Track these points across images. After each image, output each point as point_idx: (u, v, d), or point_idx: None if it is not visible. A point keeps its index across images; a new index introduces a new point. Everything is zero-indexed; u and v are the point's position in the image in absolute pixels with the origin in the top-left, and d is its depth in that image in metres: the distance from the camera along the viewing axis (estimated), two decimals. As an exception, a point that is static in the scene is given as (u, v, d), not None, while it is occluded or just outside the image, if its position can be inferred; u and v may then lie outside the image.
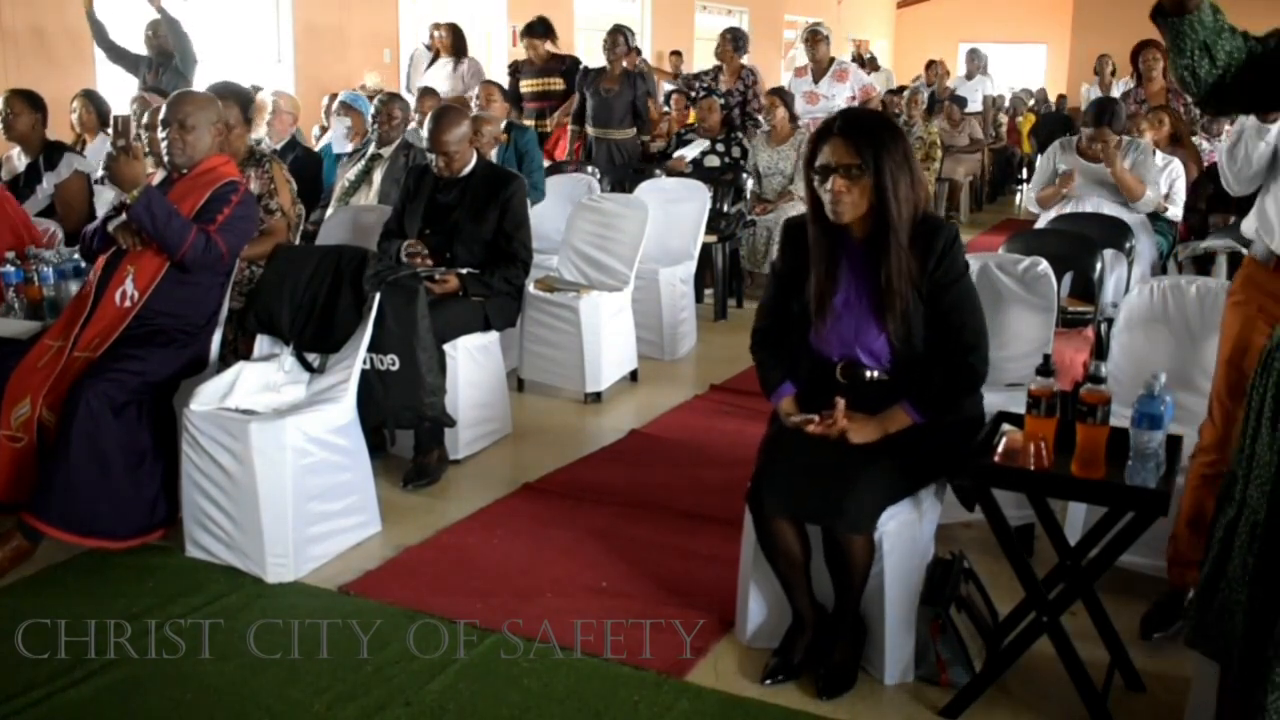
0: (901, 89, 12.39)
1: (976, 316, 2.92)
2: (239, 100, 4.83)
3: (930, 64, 14.68)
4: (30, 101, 5.55)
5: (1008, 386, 3.63)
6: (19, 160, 5.67)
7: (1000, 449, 2.73)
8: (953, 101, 12.22)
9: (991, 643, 2.97)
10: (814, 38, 8.48)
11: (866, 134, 2.85)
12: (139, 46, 7.73)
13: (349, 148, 6.86)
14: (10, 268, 4.07)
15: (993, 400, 3.12)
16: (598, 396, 5.34)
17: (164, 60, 7.51)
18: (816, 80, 8.46)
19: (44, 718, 2.77)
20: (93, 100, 6.43)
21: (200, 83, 6.70)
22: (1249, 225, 3.08)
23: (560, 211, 6.17)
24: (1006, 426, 2.84)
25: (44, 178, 5.50)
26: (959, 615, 2.93)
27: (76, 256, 4.17)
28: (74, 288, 4.02)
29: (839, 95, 8.31)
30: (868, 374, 2.95)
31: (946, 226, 2.94)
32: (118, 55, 7.63)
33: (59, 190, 5.47)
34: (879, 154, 2.81)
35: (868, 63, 16.44)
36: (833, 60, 8.53)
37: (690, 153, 7.68)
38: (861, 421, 2.87)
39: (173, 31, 7.41)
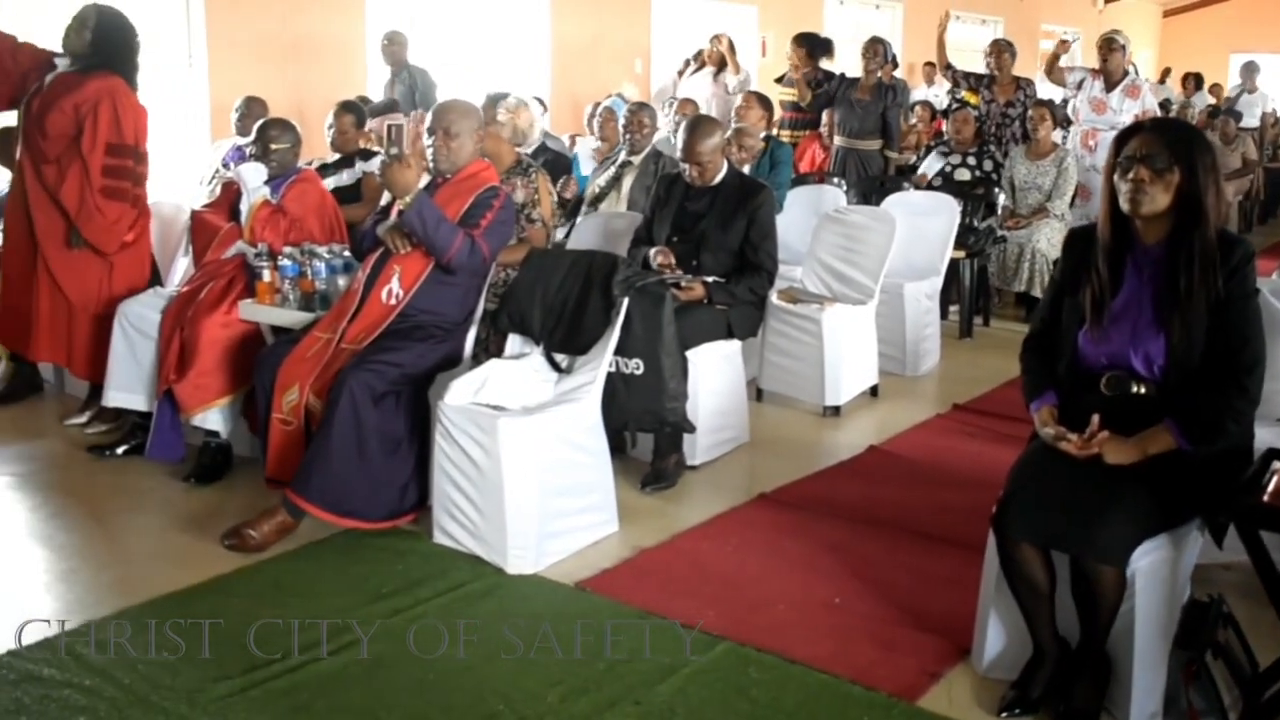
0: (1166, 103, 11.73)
1: (1259, 339, 2.80)
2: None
3: (1165, 74, 13.90)
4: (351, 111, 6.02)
5: (1279, 421, 3.40)
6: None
7: (1271, 488, 2.57)
8: (1228, 115, 11.51)
9: (1249, 695, 2.78)
10: (1108, 46, 8.06)
11: (1179, 136, 2.83)
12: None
13: (591, 165, 7.06)
14: (288, 262, 4.34)
15: (1263, 436, 2.93)
16: (836, 410, 5.28)
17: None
18: (1108, 90, 8.07)
19: (297, 684, 2.94)
20: (352, 111, 6.72)
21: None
22: None
23: (806, 223, 6.14)
24: (1279, 464, 2.66)
25: (355, 163, 5.80)
26: (1215, 662, 2.76)
27: (347, 254, 4.42)
28: (342, 282, 4.26)
29: (1127, 112, 7.90)
30: (1134, 387, 2.84)
31: (1243, 243, 2.86)
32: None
33: (365, 178, 5.75)
34: (1191, 155, 2.77)
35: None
36: (1126, 73, 8.09)
37: (931, 169, 7.51)
38: (1120, 441, 2.75)
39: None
